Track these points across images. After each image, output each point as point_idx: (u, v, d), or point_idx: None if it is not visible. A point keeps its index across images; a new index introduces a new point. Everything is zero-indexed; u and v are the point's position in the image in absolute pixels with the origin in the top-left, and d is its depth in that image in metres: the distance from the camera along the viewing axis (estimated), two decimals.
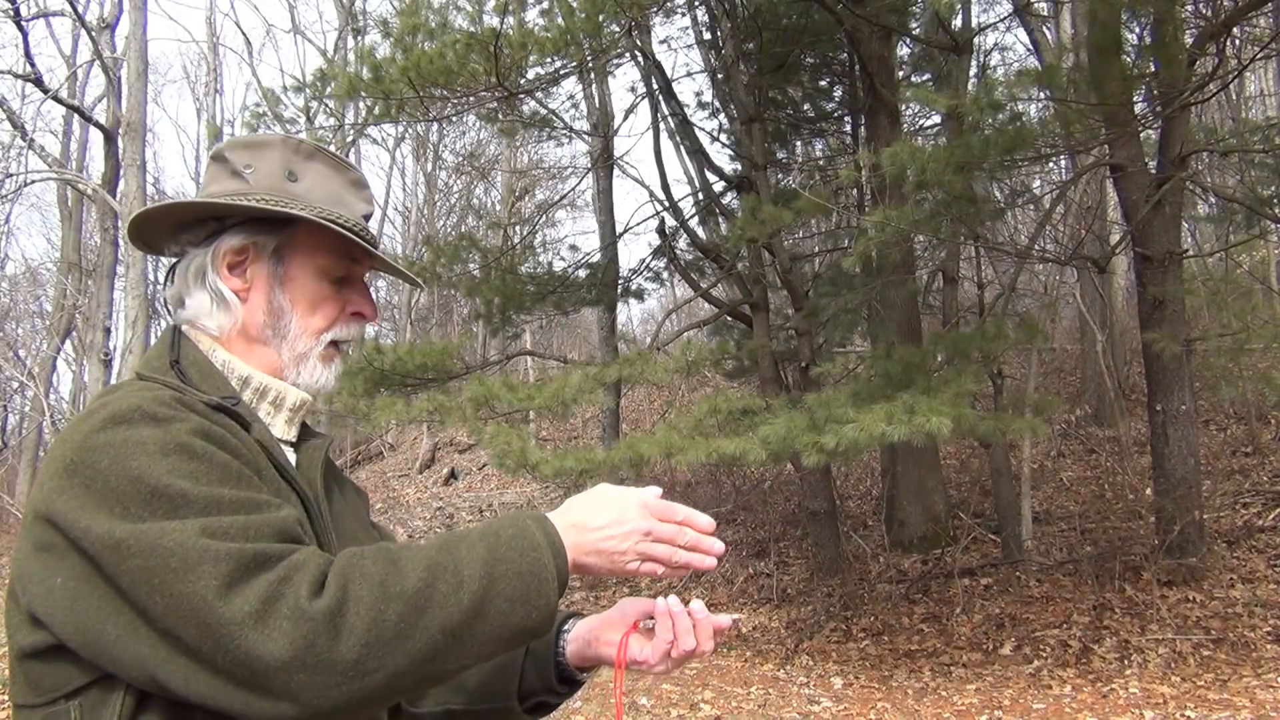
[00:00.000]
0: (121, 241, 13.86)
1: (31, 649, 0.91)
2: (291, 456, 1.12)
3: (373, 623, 0.84)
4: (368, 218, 1.17)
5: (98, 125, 13.47)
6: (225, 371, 1.10)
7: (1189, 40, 6.13)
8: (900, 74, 10.03)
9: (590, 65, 9.52)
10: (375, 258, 1.16)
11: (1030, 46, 9.97)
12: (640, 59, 9.88)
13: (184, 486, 0.88)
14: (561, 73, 9.00)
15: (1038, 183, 11.44)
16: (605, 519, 0.99)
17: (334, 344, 1.15)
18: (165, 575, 0.84)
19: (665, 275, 11.65)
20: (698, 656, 1.12)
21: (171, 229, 1.13)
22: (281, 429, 1.13)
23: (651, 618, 1.14)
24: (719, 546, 1.03)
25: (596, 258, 11.19)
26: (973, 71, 9.50)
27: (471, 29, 7.26)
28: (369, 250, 1.14)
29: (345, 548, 0.96)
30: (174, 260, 1.15)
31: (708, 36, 10.33)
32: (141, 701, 0.89)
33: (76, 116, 17.44)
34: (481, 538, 0.93)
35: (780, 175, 11.62)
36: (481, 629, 0.89)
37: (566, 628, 1.22)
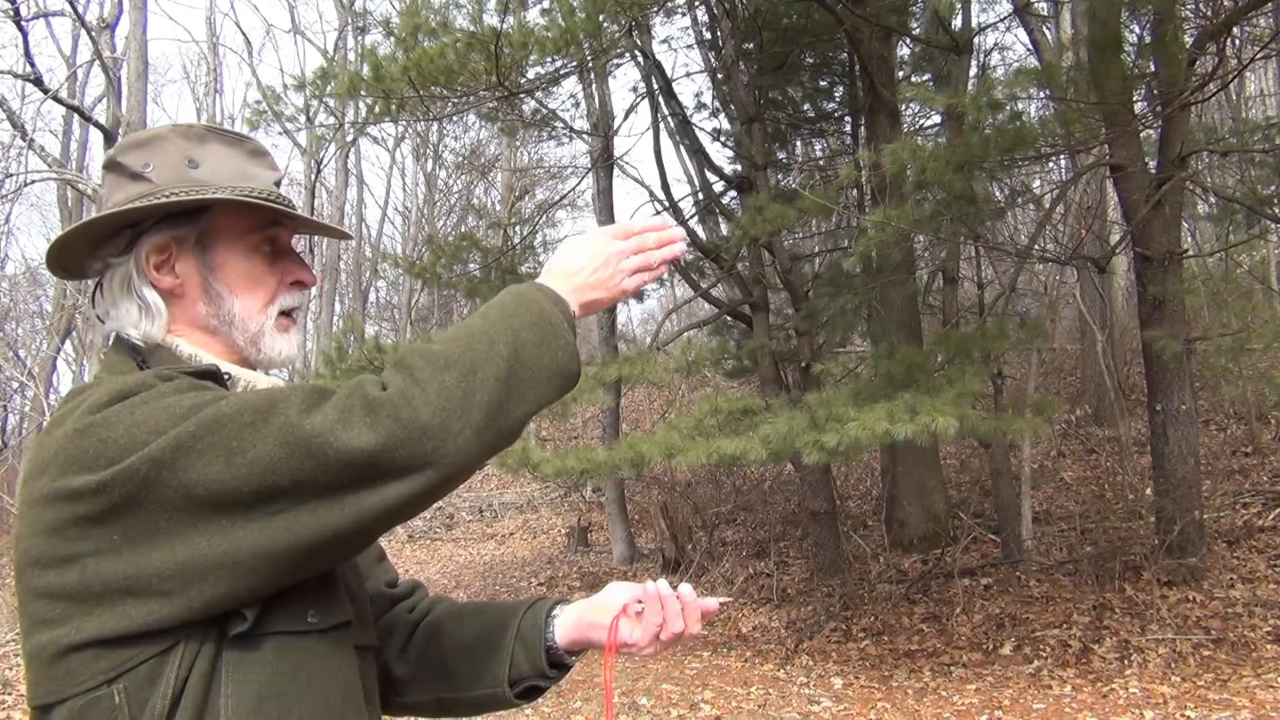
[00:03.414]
0: None
1: (81, 641, 0.90)
2: None
3: (440, 389, 0.92)
4: (278, 184, 1.16)
5: (98, 125, 13.44)
6: (193, 360, 1.10)
7: (1189, 40, 6.13)
8: (900, 74, 10.02)
9: (590, 65, 9.52)
10: (297, 219, 1.16)
11: (1030, 46, 9.97)
12: (640, 59, 9.88)
13: (214, 402, 0.92)
14: (562, 72, 9.01)
15: (1038, 183, 11.43)
16: (584, 259, 1.10)
17: (284, 314, 1.15)
18: (242, 431, 0.88)
19: (665, 275, 11.61)
20: (686, 639, 1.15)
21: (90, 247, 1.11)
22: None
23: (640, 601, 1.14)
24: (679, 232, 1.16)
25: None
26: (973, 71, 9.50)
27: (472, 28, 7.26)
28: (290, 214, 1.14)
29: None
30: (97, 280, 1.13)
31: (708, 36, 10.33)
32: (189, 678, 0.90)
33: (76, 116, 17.42)
34: (489, 309, 1.03)
35: (780, 175, 11.62)
36: (525, 373, 0.98)
37: (556, 612, 1.22)
